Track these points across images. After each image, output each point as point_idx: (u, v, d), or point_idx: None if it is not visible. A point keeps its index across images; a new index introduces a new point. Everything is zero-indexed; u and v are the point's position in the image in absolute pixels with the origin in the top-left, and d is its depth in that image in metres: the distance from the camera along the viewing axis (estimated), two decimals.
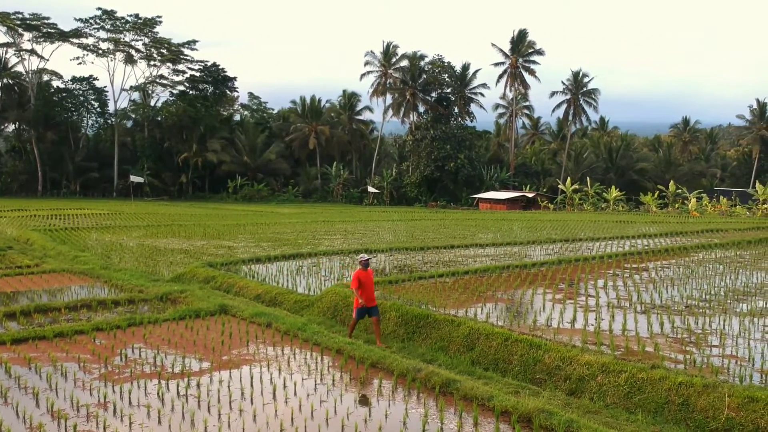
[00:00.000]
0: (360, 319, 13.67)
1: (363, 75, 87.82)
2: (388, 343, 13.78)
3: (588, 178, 76.38)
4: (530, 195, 75.83)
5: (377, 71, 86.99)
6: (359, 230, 38.27)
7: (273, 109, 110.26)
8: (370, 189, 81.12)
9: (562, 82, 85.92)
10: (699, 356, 11.44)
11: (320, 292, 17.99)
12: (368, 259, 13.59)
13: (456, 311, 14.75)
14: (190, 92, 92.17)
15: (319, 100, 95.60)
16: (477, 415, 9.49)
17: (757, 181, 69.44)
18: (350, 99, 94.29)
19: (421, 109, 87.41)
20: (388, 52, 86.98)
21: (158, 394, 10.33)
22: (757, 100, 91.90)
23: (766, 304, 15.51)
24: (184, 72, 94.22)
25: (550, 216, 52.64)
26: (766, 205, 61.95)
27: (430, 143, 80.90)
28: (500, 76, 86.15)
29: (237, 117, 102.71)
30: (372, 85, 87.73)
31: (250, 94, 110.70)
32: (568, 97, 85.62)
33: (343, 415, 9.54)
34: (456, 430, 9.10)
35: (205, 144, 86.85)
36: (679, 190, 69.63)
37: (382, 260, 23.84)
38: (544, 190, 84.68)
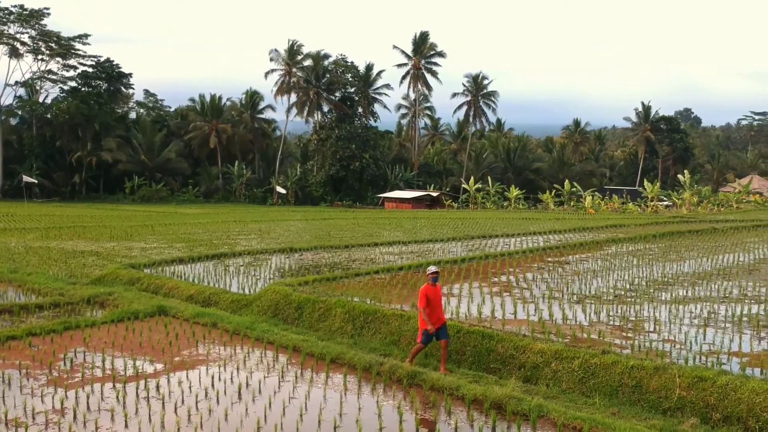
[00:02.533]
0: (428, 343, 11.53)
1: (267, 73, 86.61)
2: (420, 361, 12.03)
3: (489, 178, 78.64)
4: (435, 194, 77.24)
5: (281, 69, 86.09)
6: (274, 230, 37.84)
7: (170, 107, 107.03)
8: (279, 189, 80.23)
9: (463, 84, 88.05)
10: (640, 341, 12.11)
11: (255, 291, 17.76)
12: (437, 272, 11.70)
13: (401, 306, 14.91)
14: (83, 89, 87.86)
15: (220, 98, 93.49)
16: (450, 404, 9.69)
17: (645, 180, 73.69)
18: (253, 97, 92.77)
19: (325, 108, 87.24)
20: (293, 50, 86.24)
21: (117, 397, 9.94)
22: (642, 104, 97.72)
23: (686, 292, 16.59)
24: (75, 67, 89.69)
25: (457, 214, 53.92)
26: (654, 202, 65.90)
27: (335, 143, 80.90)
28: (403, 77, 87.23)
29: (133, 115, 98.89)
30: (276, 83, 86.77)
31: (146, 92, 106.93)
32: (468, 98, 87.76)
33: (316, 410, 9.51)
34: (431, 419, 9.27)
35: (99, 143, 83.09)
36: (574, 189, 72.86)
37: (310, 258, 23.74)
38: (447, 189, 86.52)
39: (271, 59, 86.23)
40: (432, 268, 11.75)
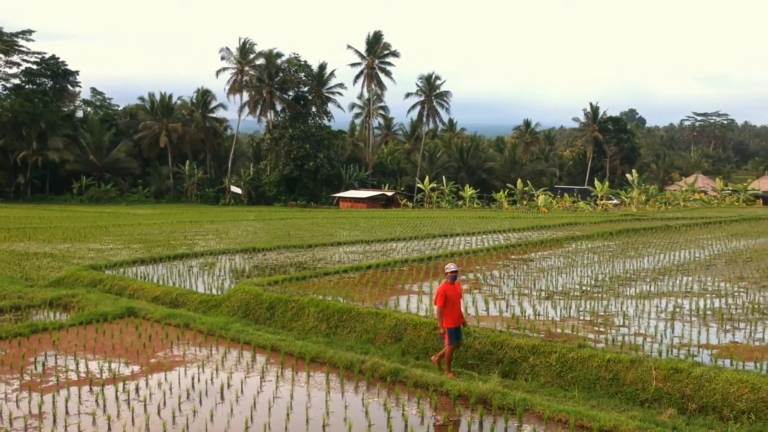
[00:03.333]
0: (456, 342, 11.16)
1: (219, 71, 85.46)
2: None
3: (444, 177, 79.23)
4: (390, 193, 77.43)
5: (233, 68, 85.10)
6: (231, 230, 37.41)
7: (118, 106, 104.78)
8: (234, 189, 79.24)
9: (416, 83, 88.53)
10: (612, 335, 12.39)
11: (223, 291, 17.56)
12: (456, 271, 11.32)
13: (375, 304, 14.94)
14: (27, 86, 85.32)
15: (170, 97, 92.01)
16: (436, 400, 9.76)
17: (595, 179, 75.24)
18: (204, 96, 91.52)
19: (279, 107, 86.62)
20: (245, 49, 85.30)
21: (97, 400, 9.74)
22: (591, 104, 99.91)
23: (649, 287, 17.03)
24: (18, 64, 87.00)
25: (415, 213, 54.15)
26: (603, 201, 67.38)
27: (289, 142, 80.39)
28: (357, 77, 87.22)
29: (80, 113, 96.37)
30: (228, 82, 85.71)
31: (93, 90, 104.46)
32: (422, 98, 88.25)
33: (302, 409, 9.47)
34: (419, 415, 9.32)
35: (45, 142, 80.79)
36: (526, 188, 73.95)
37: (274, 258, 23.56)
38: (402, 188, 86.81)
39: (222, 58, 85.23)
40: (451, 267, 11.31)
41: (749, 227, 32.88)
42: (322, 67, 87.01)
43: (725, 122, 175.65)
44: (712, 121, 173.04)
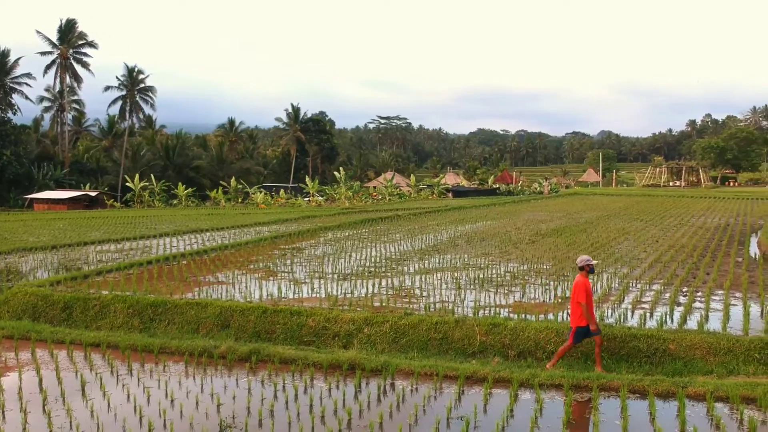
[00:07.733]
0: (578, 343, 10.63)
1: None
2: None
3: (151, 176, 76.17)
4: (93, 193, 72.12)
5: None
6: None
7: None
8: None
9: (117, 77, 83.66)
10: (423, 304, 13.97)
11: None
12: (594, 264, 10.64)
13: (183, 296, 14.75)
14: None
15: None
16: (312, 371, 10.35)
17: (306, 177, 78.53)
18: None
19: None
20: None
21: None
22: (292, 105, 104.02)
23: (421, 265, 19.11)
24: None
25: (133, 213, 51.42)
26: (315, 197, 70.89)
27: None
28: (48, 67, 79.72)
29: None
30: None
31: None
32: (124, 93, 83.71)
33: (182, 396, 9.42)
34: (303, 385, 9.84)
35: None
36: (241, 185, 74.50)
37: (21, 261, 21.33)
38: (105, 188, 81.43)
39: None
40: (585, 259, 10.63)
41: (463, 214, 37.67)
42: (5, 54, 77.86)
43: (405, 125, 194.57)
44: (394, 124, 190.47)
